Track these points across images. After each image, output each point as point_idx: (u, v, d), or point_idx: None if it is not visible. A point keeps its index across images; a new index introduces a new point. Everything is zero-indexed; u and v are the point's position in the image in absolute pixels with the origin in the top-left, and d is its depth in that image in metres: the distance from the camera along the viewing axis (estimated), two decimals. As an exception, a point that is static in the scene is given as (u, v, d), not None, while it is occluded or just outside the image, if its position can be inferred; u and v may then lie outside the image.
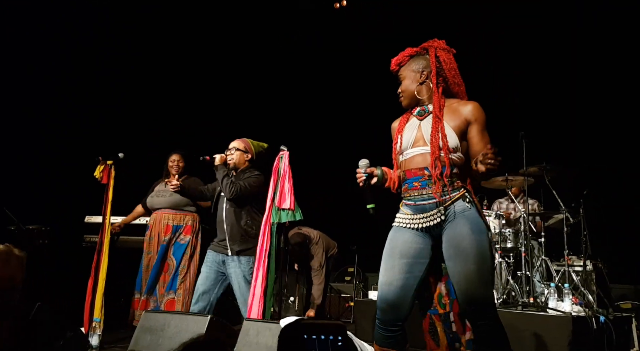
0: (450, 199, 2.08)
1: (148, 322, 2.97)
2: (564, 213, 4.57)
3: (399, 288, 2.09)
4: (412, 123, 2.24)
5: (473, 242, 2.00)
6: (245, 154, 3.73)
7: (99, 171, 3.92)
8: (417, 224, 2.13)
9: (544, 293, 4.23)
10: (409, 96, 2.27)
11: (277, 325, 2.70)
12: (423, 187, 2.12)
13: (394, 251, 2.15)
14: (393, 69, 2.32)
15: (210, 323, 2.79)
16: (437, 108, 2.14)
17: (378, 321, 2.14)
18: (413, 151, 2.17)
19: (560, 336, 3.59)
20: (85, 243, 4.80)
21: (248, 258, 3.50)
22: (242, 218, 3.54)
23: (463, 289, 1.99)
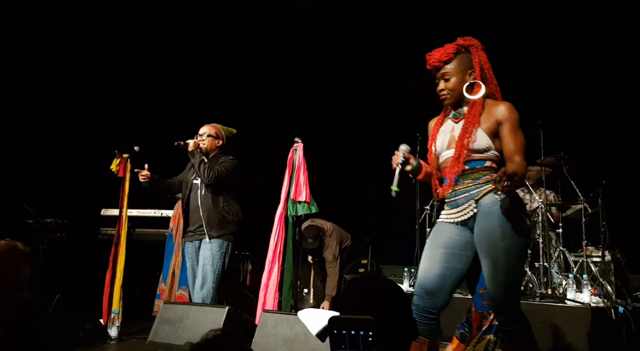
0: (479, 193, 2.12)
1: (167, 314, 2.99)
2: (582, 203, 4.51)
3: (436, 277, 2.13)
4: (446, 126, 2.28)
5: (499, 240, 2.02)
6: (217, 140, 3.67)
7: (115, 165, 3.95)
8: (454, 218, 2.19)
9: (562, 284, 4.19)
10: (457, 95, 2.23)
11: (295, 317, 2.71)
12: (456, 183, 2.18)
13: (435, 242, 2.21)
14: (435, 65, 2.23)
15: (229, 314, 2.80)
16: (477, 112, 2.16)
17: (413, 306, 2.15)
18: (447, 153, 2.22)
19: (579, 327, 3.55)
20: (102, 235, 4.84)
21: (221, 242, 3.44)
22: (219, 204, 3.48)
23: (488, 286, 2.05)
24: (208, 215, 3.45)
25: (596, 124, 5.51)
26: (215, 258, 3.37)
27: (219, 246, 3.40)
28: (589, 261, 4.39)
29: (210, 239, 3.41)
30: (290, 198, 3.71)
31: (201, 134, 3.65)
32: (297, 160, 3.71)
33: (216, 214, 3.45)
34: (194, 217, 3.52)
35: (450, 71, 2.21)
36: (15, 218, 4.51)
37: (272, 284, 3.52)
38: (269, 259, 3.59)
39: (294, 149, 3.78)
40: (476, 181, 2.13)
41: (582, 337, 3.53)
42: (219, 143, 3.67)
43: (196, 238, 3.50)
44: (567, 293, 3.92)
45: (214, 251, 3.38)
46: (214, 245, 3.40)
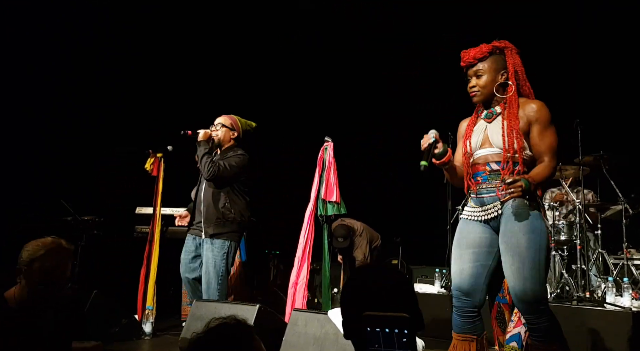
0: (506, 195, 2.12)
1: (199, 310, 3.03)
2: (622, 204, 4.35)
3: (469, 276, 2.19)
4: (479, 126, 2.31)
5: (523, 240, 2.07)
6: (232, 132, 3.50)
7: (149, 164, 4.03)
8: (478, 216, 2.24)
9: (600, 288, 4.05)
10: (488, 93, 2.26)
11: (325, 316, 2.70)
12: (484, 181, 2.23)
13: (462, 242, 2.26)
14: (470, 62, 2.25)
15: (259, 312, 2.82)
16: (515, 110, 2.18)
17: (455, 308, 2.24)
18: (480, 153, 2.26)
19: (619, 332, 3.43)
20: (137, 233, 4.94)
21: (222, 242, 3.33)
22: (220, 200, 3.35)
23: (511, 285, 2.08)
24: (207, 211, 3.35)
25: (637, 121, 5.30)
26: (217, 259, 3.29)
27: (220, 247, 3.31)
28: (630, 264, 4.22)
29: (213, 239, 3.32)
30: (320, 198, 3.71)
31: (215, 124, 3.50)
32: (327, 159, 3.70)
33: (215, 212, 3.33)
34: (197, 211, 3.45)
35: (483, 69, 2.24)
36: (53, 215, 4.66)
37: (301, 282, 3.52)
38: (298, 258, 3.59)
39: (324, 149, 3.77)
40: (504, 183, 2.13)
41: (623, 343, 3.40)
42: (234, 135, 3.51)
43: (197, 233, 3.42)
44: (607, 296, 3.78)
45: (216, 253, 3.31)
46: (216, 246, 3.31)
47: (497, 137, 2.21)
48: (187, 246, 3.47)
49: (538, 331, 2.05)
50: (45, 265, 1.97)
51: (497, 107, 2.26)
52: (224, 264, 3.33)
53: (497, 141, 2.20)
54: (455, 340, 2.24)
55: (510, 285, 2.08)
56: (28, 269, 1.95)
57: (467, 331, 2.20)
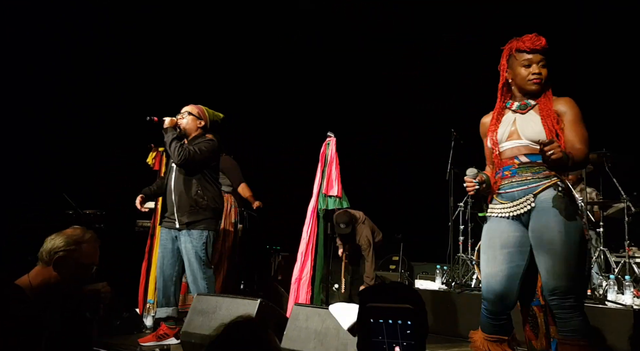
0: (540, 187, 2.11)
1: (201, 305, 3.03)
2: (625, 201, 4.34)
3: (504, 278, 2.13)
4: (507, 118, 2.26)
5: (556, 234, 2.03)
6: (199, 121, 3.44)
7: (151, 158, 4.03)
8: (508, 212, 2.17)
9: (602, 285, 4.04)
10: (543, 85, 2.22)
11: (326, 311, 2.70)
12: (513, 175, 2.18)
13: (494, 242, 2.19)
14: (544, 48, 2.20)
15: (260, 306, 2.81)
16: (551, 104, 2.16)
17: (486, 311, 2.19)
18: (507, 145, 2.22)
19: (621, 330, 3.43)
20: (138, 227, 4.94)
21: (200, 232, 3.27)
22: (192, 187, 3.28)
23: (545, 281, 2.05)
24: (179, 200, 3.27)
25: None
26: (198, 249, 3.25)
27: (198, 237, 3.26)
28: (632, 262, 4.22)
29: (189, 230, 3.25)
30: (321, 192, 3.70)
31: (182, 112, 3.44)
32: (329, 154, 3.69)
33: (187, 199, 3.26)
34: (168, 202, 3.36)
35: (547, 61, 2.22)
36: (55, 209, 4.66)
37: (305, 278, 3.51)
38: (302, 253, 3.58)
39: (327, 144, 3.76)
40: (536, 175, 2.13)
41: (624, 340, 3.40)
42: (200, 124, 3.45)
43: (171, 226, 3.34)
44: (608, 294, 3.77)
45: (195, 243, 3.25)
46: (194, 236, 3.25)
47: (528, 129, 2.16)
48: (163, 240, 3.38)
49: (568, 327, 2.03)
50: (90, 249, 1.98)
51: (531, 100, 2.22)
52: (205, 255, 3.28)
53: (528, 133, 2.16)
54: (487, 341, 2.20)
55: (544, 281, 2.06)
56: (66, 255, 1.92)
57: (500, 333, 2.17)
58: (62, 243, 1.94)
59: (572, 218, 2.05)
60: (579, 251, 2.04)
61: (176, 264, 3.38)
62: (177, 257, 3.38)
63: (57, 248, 1.93)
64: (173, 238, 3.37)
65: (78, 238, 1.98)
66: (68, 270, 1.93)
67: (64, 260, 1.92)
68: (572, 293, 2.01)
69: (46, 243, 1.96)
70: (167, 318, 3.35)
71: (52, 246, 1.94)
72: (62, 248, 1.93)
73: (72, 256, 1.94)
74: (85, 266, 1.99)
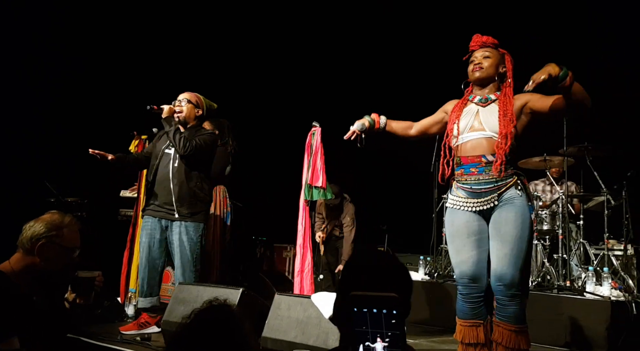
0: (505, 185, 2.27)
1: (182, 293, 3.01)
2: (605, 195, 4.40)
3: (474, 264, 2.30)
4: (469, 109, 2.40)
5: (512, 228, 2.21)
6: (196, 109, 3.39)
7: (134, 146, 3.98)
8: (473, 207, 2.32)
9: (581, 277, 4.11)
10: (489, 75, 2.39)
11: (308, 300, 2.70)
12: (480, 173, 2.30)
13: (460, 232, 2.36)
14: (484, 43, 2.42)
15: (242, 296, 2.81)
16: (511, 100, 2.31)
17: (461, 296, 2.35)
18: (468, 136, 2.34)
19: (598, 321, 3.50)
20: (121, 216, 4.89)
21: (197, 225, 3.26)
22: (193, 179, 3.25)
23: (494, 267, 2.23)
24: (180, 189, 3.22)
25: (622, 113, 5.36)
26: (193, 242, 3.23)
27: (195, 230, 3.25)
28: (610, 255, 4.29)
29: (187, 221, 3.23)
30: (306, 183, 3.69)
31: (180, 100, 3.38)
32: (314, 144, 3.67)
33: (188, 190, 3.23)
34: (162, 190, 3.28)
35: (491, 54, 2.40)
36: (37, 196, 4.60)
37: (307, 269, 3.49)
38: (300, 245, 3.55)
39: (312, 133, 3.74)
40: (501, 174, 2.25)
41: (601, 331, 3.47)
42: (198, 113, 3.41)
43: (163, 216, 3.28)
44: (587, 285, 3.84)
45: (191, 235, 3.23)
46: (191, 228, 3.23)
47: (491, 121, 2.30)
48: (151, 229, 3.30)
49: (505, 313, 2.21)
50: (71, 233, 1.95)
51: (492, 95, 2.37)
52: (199, 247, 3.27)
53: (491, 125, 2.29)
54: (462, 326, 2.32)
55: (493, 268, 2.23)
56: (48, 241, 1.89)
57: (474, 317, 2.30)
58: (42, 229, 1.91)
59: (526, 215, 2.24)
60: (528, 246, 2.24)
61: (163, 255, 3.35)
62: (164, 247, 3.34)
63: (39, 234, 1.90)
64: (163, 227, 3.32)
65: (59, 223, 1.95)
66: (52, 256, 1.91)
67: (46, 246, 1.90)
68: (517, 283, 2.18)
69: (25, 231, 1.93)
70: (151, 308, 3.33)
71: (33, 233, 1.90)
72: (43, 234, 1.90)
73: (55, 241, 1.91)
74: (68, 250, 1.97)
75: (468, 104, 2.43)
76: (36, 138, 5.21)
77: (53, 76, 5.45)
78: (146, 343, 3.00)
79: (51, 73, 5.44)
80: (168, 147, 3.33)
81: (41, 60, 5.34)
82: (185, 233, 3.23)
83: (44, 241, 1.90)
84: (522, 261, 2.19)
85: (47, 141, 5.31)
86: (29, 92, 5.25)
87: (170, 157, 3.30)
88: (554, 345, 3.54)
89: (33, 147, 5.15)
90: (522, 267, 2.19)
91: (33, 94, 5.28)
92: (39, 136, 5.24)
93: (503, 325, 2.21)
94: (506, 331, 2.19)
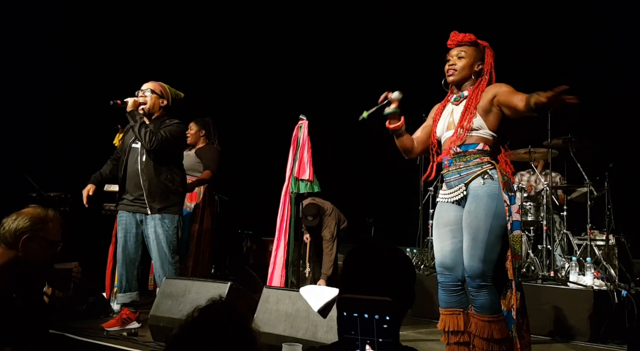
0: (470, 175, 2.29)
1: (169, 288, 2.99)
2: (588, 186, 4.47)
3: (450, 252, 2.34)
4: (447, 110, 2.45)
5: (474, 219, 2.23)
6: (161, 100, 3.30)
7: (118, 140, 3.90)
8: (448, 198, 2.39)
9: (564, 267, 4.18)
10: (464, 76, 2.39)
11: (296, 293, 2.70)
12: (450, 165, 2.37)
13: (439, 222, 2.42)
14: (458, 42, 2.40)
15: (230, 289, 2.80)
16: (479, 94, 2.31)
17: (440, 285, 2.39)
18: (447, 135, 2.40)
19: (581, 310, 3.56)
20: (105, 211, 4.83)
21: (172, 217, 3.23)
22: (163, 173, 3.21)
23: (464, 259, 2.26)
24: (150, 185, 3.19)
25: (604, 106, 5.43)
26: (169, 233, 3.21)
27: (171, 222, 3.23)
28: (593, 245, 4.36)
29: (162, 214, 3.20)
30: (293, 176, 3.68)
31: (143, 90, 3.28)
32: (301, 137, 3.66)
33: (158, 184, 3.20)
34: (132, 185, 3.24)
35: (466, 53, 2.38)
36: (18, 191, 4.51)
37: (279, 261, 3.50)
38: (276, 237, 3.57)
39: (299, 127, 3.73)
40: (467, 164, 2.30)
41: (584, 320, 3.53)
42: (163, 103, 3.32)
43: (137, 209, 3.25)
44: (570, 275, 3.90)
45: (167, 228, 3.21)
46: (167, 221, 3.21)
47: (459, 117, 2.34)
48: (126, 224, 3.27)
49: (476, 303, 2.25)
50: (55, 227, 1.94)
51: (465, 91, 2.39)
52: (175, 238, 3.25)
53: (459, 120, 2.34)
54: (443, 315, 2.36)
55: (464, 260, 2.27)
56: (33, 235, 1.87)
57: (454, 306, 2.33)
58: (27, 223, 1.89)
59: (494, 206, 2.21)
60: (496, 238, 2.22)
61: (139, 249, 3.33)
62: (140, 241, 3.32)
63: (23, 228, 1.88)
64: (138, 222, 3.29)
65: (43, 217, 1.93)
66: (37, 250, 1.89)
67: (31, 240, 1.88)
68: (482, 274, 2.20)
69: (8, 224, 1.89)
70: (131, 303, 3.31)
71: (17, 226, 1.88)
72: (28, 228, 1.88)
73: (39, 235, 1.90)
74: (52, 244, 1.95)
75: (447, 105, 2.48)
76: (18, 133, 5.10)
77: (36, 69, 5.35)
78: (133, 339, 2.97)
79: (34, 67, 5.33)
80: (135, 141, 3.28)
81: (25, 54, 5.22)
82: (160, 226, 3.21)
83: (29, 234, 1.87)
84: (486, 252, 2.18)
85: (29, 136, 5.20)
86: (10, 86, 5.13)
87: (138, 152, 3.25)
88: (537, 334, 3.59)
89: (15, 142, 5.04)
90: (485, 258, 2.18)
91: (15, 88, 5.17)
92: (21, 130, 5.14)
93: (477, 316, 2.24)
94: (480, 321, 2.22)
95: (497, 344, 2.17)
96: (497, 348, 2.17)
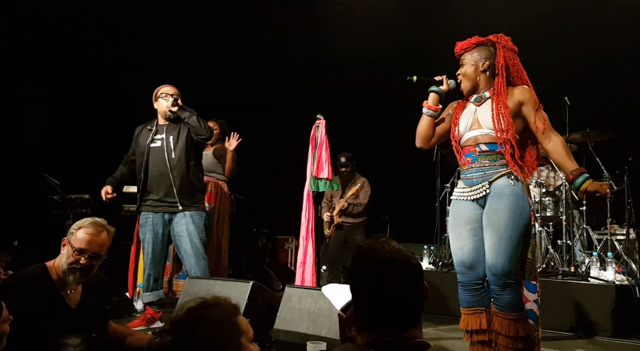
0: (496, 174, 2.29)
1: (192, 287, 3.03)
2: (607, 180, 4.43)
3: (470, 251, 2.32)
4: (469, 109, 2.45)
5: (504, 218, 2.21)
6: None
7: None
8: (468, 196, 2.37)
9: (584, 263, 4.15)
10: (470, 80, 2.43)
11: (319, 292, 2.72)
12: (473, 161, 2.36)
13: (458, 220, 2.40)
14: (458, 53, 2.46)
15: (253, 289, 2.83)
16: (500, 95, 2.33)
17: (460, 284, 2.37)
18: (469, 134, 2.40)
19: (603, 305, 3.54)
20: (124, 212, 4.89)
21: (200, 214, 3.30)
22: (191, 170, 3.28)
23: (486, 257, 2.25)
24: (180, 182, 3.24)
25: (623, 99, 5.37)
26: (200, 229, 3.28)
27: (199, 219, 3.30)
28: (614, 239, 4.32)
29: (190, 211, 3.26)
30: (312, 175, 3.69)
31: (173, 95, 3.34)
32: (319, 137, 3.67)
33: (188, 181, 3.26)
34: (159, 184, 3.27)
35: (466, 60, 2.43)
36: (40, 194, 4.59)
37: (309, 261, 3.51)
38: (303, 237, 3.58)
39: (316, 126, 3.74)
40: (493, 163, 2.30)
41: (606, 315, 3.51)
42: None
43: (164, 210, 3.29)
44: (591, 270, 3.88)
45: (197, 224, 3.27)
46: (196, 218, 3.28)
47: (487, 119, 2.34)
48: (153, 224, 3.30)
49: (500, 302, 2.23)
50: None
51: (486, 92, 2.40)
52: (205, 235, 3.34)
53: (486, 122, 2.34)
54: (465, 315, 2.35)
55: (486, 257, 2.25)
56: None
57: (475, 305, 2.31)
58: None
59: (520, 204, 2.23)
60: (521, 236, 2.22)
61: (166, 249, 3.42)
62: (166, 242, 3.38)
63: None
64: (165, 222, 3.34)
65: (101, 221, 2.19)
66: None
67: None
68: (507, 272, 2.19)
69: None
70: (158, 301, 3.36)
71: None
72: None
73: None
74: None
75: (468, 104, 2.47)
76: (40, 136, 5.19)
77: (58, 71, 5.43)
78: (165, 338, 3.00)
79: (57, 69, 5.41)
80: (153, 141, 3.32)
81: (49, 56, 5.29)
82: (192, 223, 3.27)
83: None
84: (512, 250, 2.19)
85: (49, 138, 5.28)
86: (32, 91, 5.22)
87: (164, 150, 3.28)
88: (559, 329, 3.58)
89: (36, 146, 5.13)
90: (511, 256, 2.19)
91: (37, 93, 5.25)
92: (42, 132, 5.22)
93: (501, 314, 2.23)
94: (505, 320, 2.21)
95: (522, 341, 2.18)
96: (522, 346, 2.18)
